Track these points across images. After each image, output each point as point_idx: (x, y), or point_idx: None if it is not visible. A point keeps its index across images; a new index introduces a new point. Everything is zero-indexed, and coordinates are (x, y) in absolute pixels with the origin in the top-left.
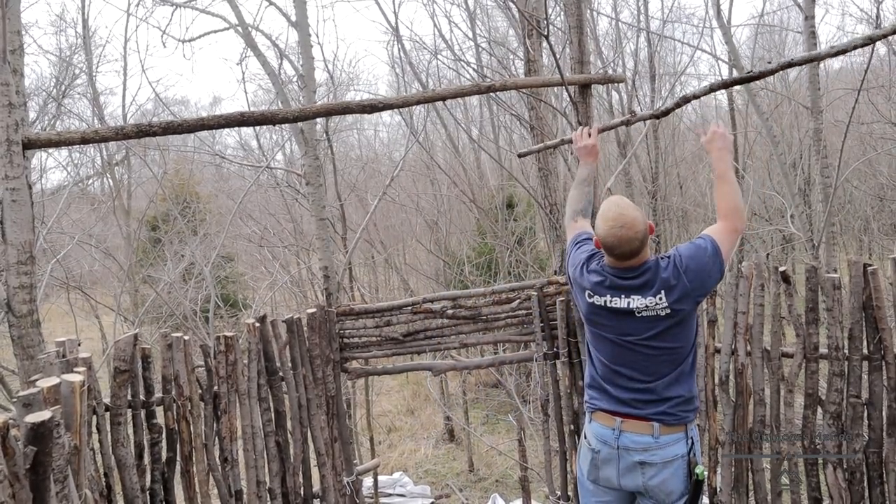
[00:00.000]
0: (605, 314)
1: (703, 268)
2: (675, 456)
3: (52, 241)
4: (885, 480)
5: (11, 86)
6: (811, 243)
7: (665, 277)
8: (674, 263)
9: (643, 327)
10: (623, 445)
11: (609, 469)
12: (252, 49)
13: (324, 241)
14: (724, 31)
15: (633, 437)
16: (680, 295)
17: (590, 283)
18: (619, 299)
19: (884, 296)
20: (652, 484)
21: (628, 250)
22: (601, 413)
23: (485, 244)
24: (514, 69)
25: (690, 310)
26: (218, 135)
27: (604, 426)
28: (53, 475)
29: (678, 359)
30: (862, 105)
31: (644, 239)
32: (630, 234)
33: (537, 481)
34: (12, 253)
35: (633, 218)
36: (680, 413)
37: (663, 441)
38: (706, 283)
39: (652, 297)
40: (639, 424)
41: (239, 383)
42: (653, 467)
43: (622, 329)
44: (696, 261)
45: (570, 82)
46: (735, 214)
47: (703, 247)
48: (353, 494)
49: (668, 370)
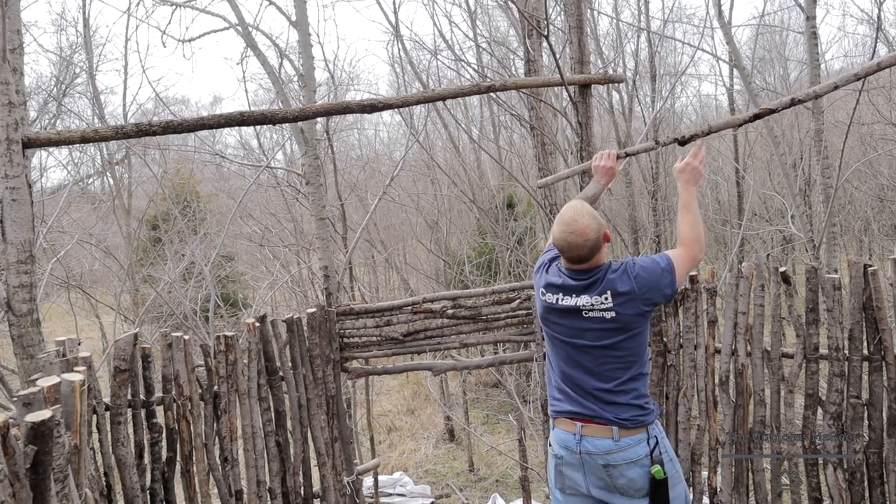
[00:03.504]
0: (556, 314)
1: (653, 278)
2: (639, 456)
3: (53, 241)
4: (885, 481)
5: (11, 84)
6: (811, 244)
7: (612, 279)
8: (624, 268)
9: (592, 331)
10: (585, 450)
11: (575, 474)
12: (252, 49)
13: (324, 241)
14: (724, 31)
15: (594, 441)
16: (625, 299)
17: (546, 282)
18: (569, 298)
19: (884, 296)
20: (620, 483)
21: (577, 255)
22: (563, 419)
23: (485, 244)
24: (515, 69)
25: (636, 317)
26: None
27: (566, 431)
28: (54, 474)
29: (629, 366)
30: (863, 106)
31: (594, 246)
32: (580, 240)
33: (537, 481)
34: (12, 252)
35: (584, 226)
36: (636, 417)
37: (624, 443)
38: (654, 294)
39: (598, 297)
40: (599, 428)
41: (239, 383)
42: (617, 468)
43: (572, 331)
44: (648, 271)
45: (570, 82)
46: (696, 244)
47: (658, 261)
48: (354, 494)
49: (619, 374)
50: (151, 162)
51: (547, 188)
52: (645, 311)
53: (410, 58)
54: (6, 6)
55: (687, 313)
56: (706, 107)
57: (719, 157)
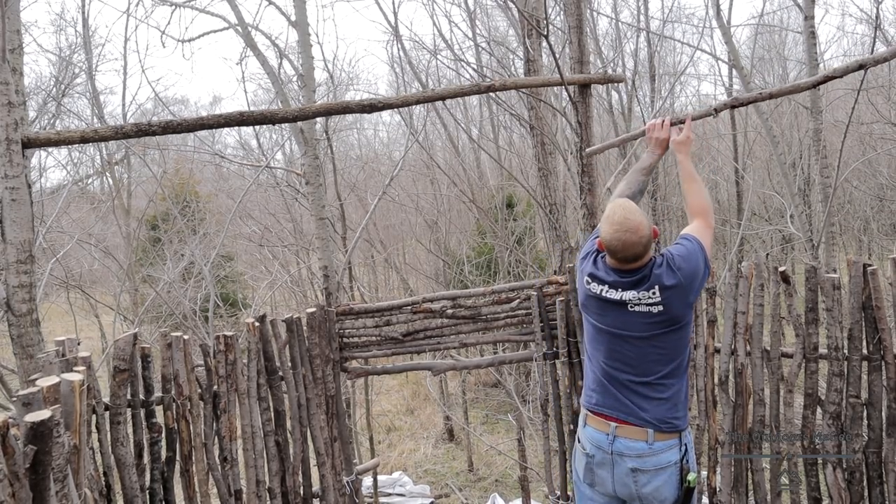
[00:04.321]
0: (600, 304)
1: (692, 265)
2: (669, 463)
3: (52, 240)
4: (884, 480)
5: (11, 85)
6: (811, 243)
7: (658, 273)
8: (666, 262)
9: (636, 322)
10: (617, 451)
11: (604, 473)
12: (252, 49)
13: (323, 241)
14: (723, 31)
15: (627, 442)
16: (672, 292)
17: (591, 272)
18: (615, 292)
19: (883, 296)
20: (645, 492)
21: (632, 254)
22: (596, 417)
23: (484, 244)
24: (514, 69)
25: (683, 308)
26: (218, 134)
27: (598, 431)
28: (53, 474)
29: (670, 359)
30: (861, 105)
31: (647, 244)
32: (634, 238)
33: (537, 481)
34: (12, 252)
35: (638, 222)
36: (672, 420)
37: (657, 447)
38: (696, 282)
39: (645, 292)
40: (633, 430)
41: (238, 383)
42: (645, 474)
43: (617, 321)
44: (687, 259)
45: (569, 82)
46: (708, 211)
47: (688, 247)
48: (353, 494)
49: (660, 368)
50: (151, 162)
51: (546, 188)
52: (691, 302)
53: (410, 58)
54: (6, 6)
55: None
56: (706, 106)
57: (719, 157)
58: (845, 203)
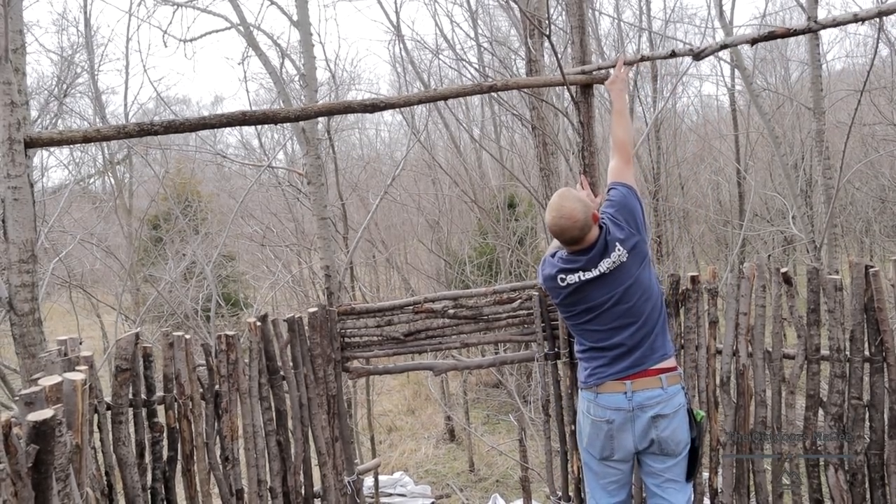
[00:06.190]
0: (581, 290)
1: (629, 209)
2: (680, 405)
3: (54, 240)
4: (886, 482)
5: (13, 84)
6: (813, 245)
7: (612, 235)
8: (611, 222)
9: (619, 278)
10: (638, 404)
11: (625, 434)
12: (254, 48)
13: (325, 241)
14: (726, 31)
15: (645, 393)
16: (628, 239)
17: (557, 269)
18: (592, 271)
19: (885, 297)
20: (664, 435)
21: (570, 237)
22: (608, 382)
23: (486, 244)
24: (516, 69)
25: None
26: (219, 134)
27: (615, 393)
28: (55, 474)
29: (650, 293)
30: (864, 106)
31: (584, 227)
32: (568, 223)
33: (538, 481)
34: (14, 251)
35: (571, 209)
36: (668, 347)
37: (671, 391)
38: (638, 218)
39: (615, 253)
40: (648, 381)
41: (240, 382)
42: (665, 419)
43: (602, 292)
44: (618, 205)
45: (571, 82)
46: (628, 146)
47: (619, 195)
48: (354, 494)
49: (647, 306)
50: (153, 162)
51: (548, 188)
52: (644, 237)
53: (412, 57)
54: (8, 6)
55: (688, 314)
56: (707, 107)
57: (720, 158)
58: (847, 204)
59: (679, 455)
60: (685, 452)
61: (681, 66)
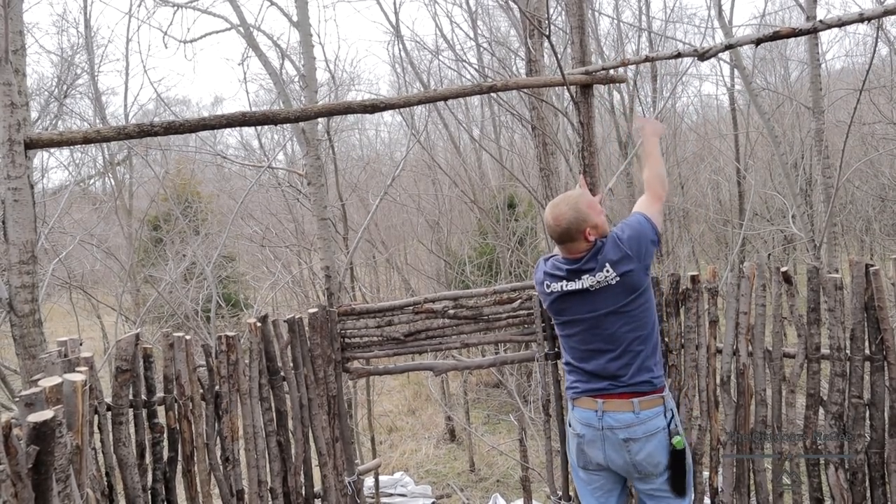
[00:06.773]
0: (564, 299)
1: (637, 236)
2: (657, 429)
3: (54, 241)
4: (886, 481)
5: (14, 86)
6: (813, 244)
7: (605, 253)
8: (612, 240)
9: (602, 299)
10: (607, 425)
11: (594, 450)
12: (254, 49)
13: (325, 241)
14: (725, 31)
15: (615, 415)
16: (622, 263)
17: (545, 274)
18: (574, 283)
19: (886, 296)
20: (639, 459)
21: (556, 235)
22: (584, 398)
23: (486, 244)
24: (516, 69)
25: (637, 277)
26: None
27: (587, 409)
28: (55, 474)
29: (640, 325)
30: (864, 105)
31: (573, 230)
32: (553, 223)
33: (538, 481)
34: (14, 252)
35: (561, 212)
36: (650, 381)
37: (644, 416)
38: (643, 248)
39: (600, 272)
40: (619, 403)
41: (240, 383)
42: (637, 442)
43: (583, 307)
44: (631, 229)
45: (571, 82)
46: (658, 182)
47: (633, 220)
48: (355, 494)
49: (633, 335)
50: (153, 162)
51: (548, 188)
52: (645, 267)
53: (411, 58)
54: (8, 7)
55: (688, 313)
56: (707, 107)
57: (720, 157)
58: (847, 203)
59: (660, 475)
60: (667, 474)
61: (680, 65)
